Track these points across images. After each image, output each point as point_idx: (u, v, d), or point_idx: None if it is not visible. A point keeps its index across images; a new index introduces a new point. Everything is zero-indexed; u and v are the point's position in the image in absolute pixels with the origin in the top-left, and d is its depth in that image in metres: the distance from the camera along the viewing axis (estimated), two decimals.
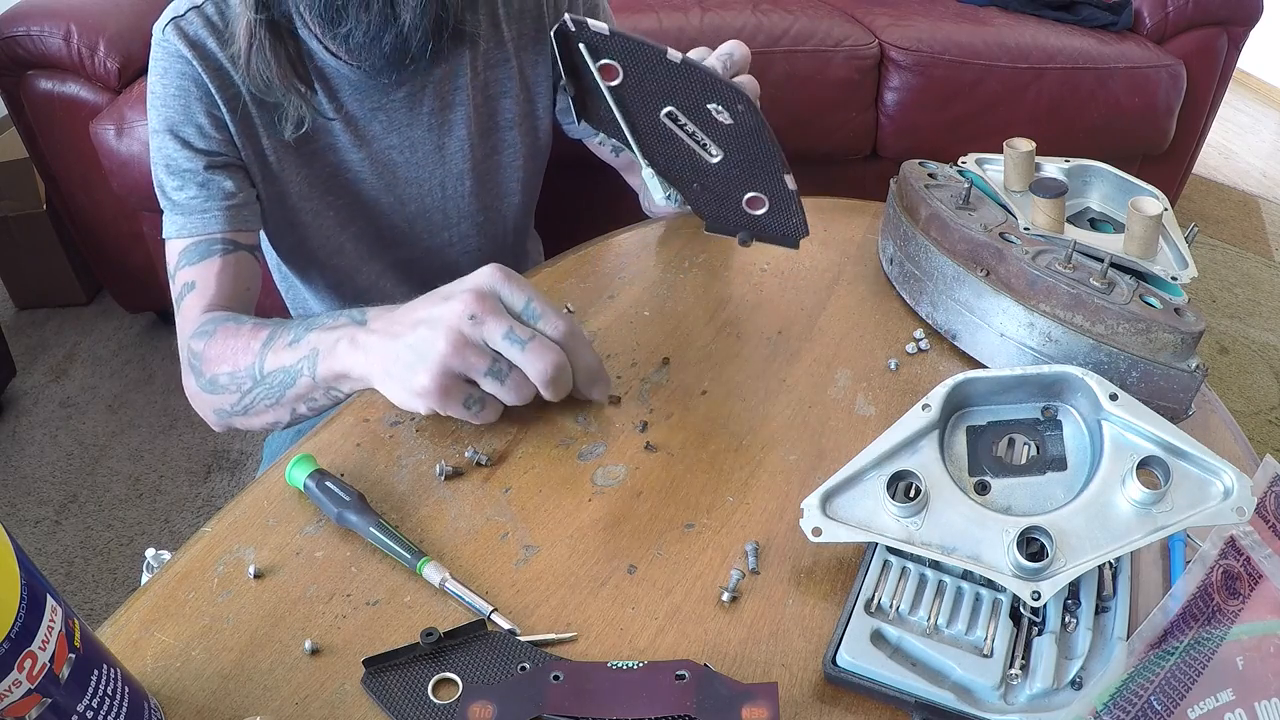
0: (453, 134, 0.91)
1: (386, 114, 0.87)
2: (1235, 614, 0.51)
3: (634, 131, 0.64)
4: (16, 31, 1.60)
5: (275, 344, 0.69)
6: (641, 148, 0.65)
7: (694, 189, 0.66)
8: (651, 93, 0.61)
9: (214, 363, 0.73)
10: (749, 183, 0.63)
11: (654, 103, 0.62)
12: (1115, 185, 0.86)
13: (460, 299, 0.59)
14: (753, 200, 0.64)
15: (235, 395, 0.72)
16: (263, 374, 0.69)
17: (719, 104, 0.59)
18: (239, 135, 0.82)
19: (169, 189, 0.82)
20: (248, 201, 0.83)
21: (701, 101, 0.60)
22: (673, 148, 0.64)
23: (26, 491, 1.69)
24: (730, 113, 0.60)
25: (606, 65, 0.60)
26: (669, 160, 0.66)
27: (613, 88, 0.62)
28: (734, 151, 0.62)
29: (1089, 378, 0.57)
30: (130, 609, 0.54)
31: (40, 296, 2.19)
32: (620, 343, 0.77)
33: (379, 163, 0.89)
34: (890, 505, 0.54)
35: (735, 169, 0.63)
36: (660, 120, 0.62)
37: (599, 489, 0.63)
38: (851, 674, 0.50)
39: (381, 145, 0.88)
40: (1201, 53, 2.00)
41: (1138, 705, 0.46)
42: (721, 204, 0.66)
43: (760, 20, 1.77)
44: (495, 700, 0.47)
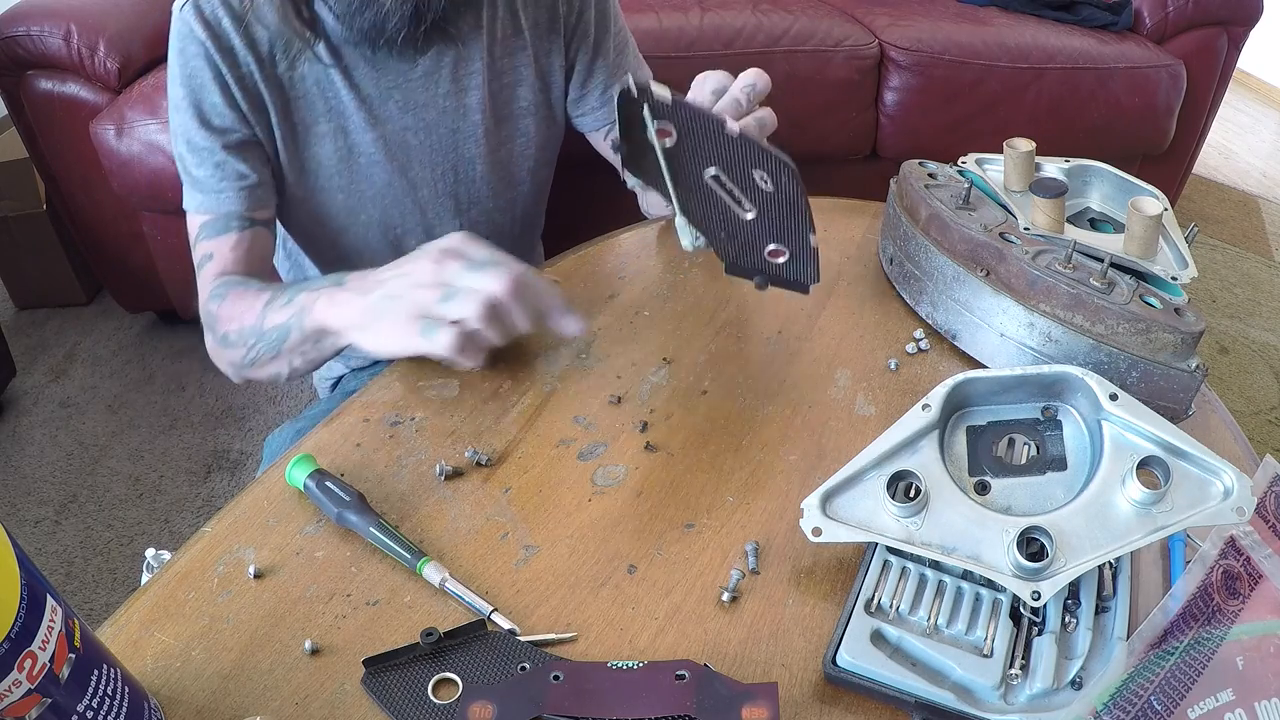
0: (467, 118, 0.91)
1: (402, 94, 0.87)
2: (1235, 614, 0.51)
3: (676, 186, 0.68)
4: (16, 31, 1.60)
5: (274, 304, 0.75)
6: (680, 200, 0.69)
7: (721, 237, 0.70)
8: (702, 155, 0.65)
9: (225, 322, 0.79)
10: (776, 237, 0.66)
11: (702, 163, 0.65)
12: (1115, 185, 0.86)
13: (426, 254, 0.66)
14: (775, 251, 0.68)
15: (243, 350, 0.79)
16: (263, 331, 0.76)
17: (765, 173, 0.62)
18: (251, 114, 0.83)
19: (189, 164, 0.84)
20: (262, 181, 0.85)
21: (748, 168, 0.63)
22: (710, 202, 0.67)
23: (26, 491, 1.69)
24: (774, 181, 0.62)
25: (663, 128, 0.64)
26: (704, 212, 0.69)
27: (666, 149, 0.65)
28: (768, 212, 0.65)
29: (1089, 378, 0.57)
30: (130, 609, 0.54)
31: (40, 296, 2.19)
32: (620, 343, 0.77)
33: (392, 144, 0.89)
34: (890, 505, 0.54)
35: (766, 226, 0.66)
36: (705, 180, 0.66)
37: (599, 489, 0.63)
38: (851, 674, 0.50)
39: (396, 126, 0.88)
40: (1201, 53, 1.99)
41: (1138, 705, 0.46)
42: (744, 252, 0.69)
43: (760, 20, 1.77)
44: (495, 700, 0.47)
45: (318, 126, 0.86)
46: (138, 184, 1.67)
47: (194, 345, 2.04)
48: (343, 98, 0.85)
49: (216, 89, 0.81)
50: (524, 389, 0.72)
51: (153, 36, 1.74)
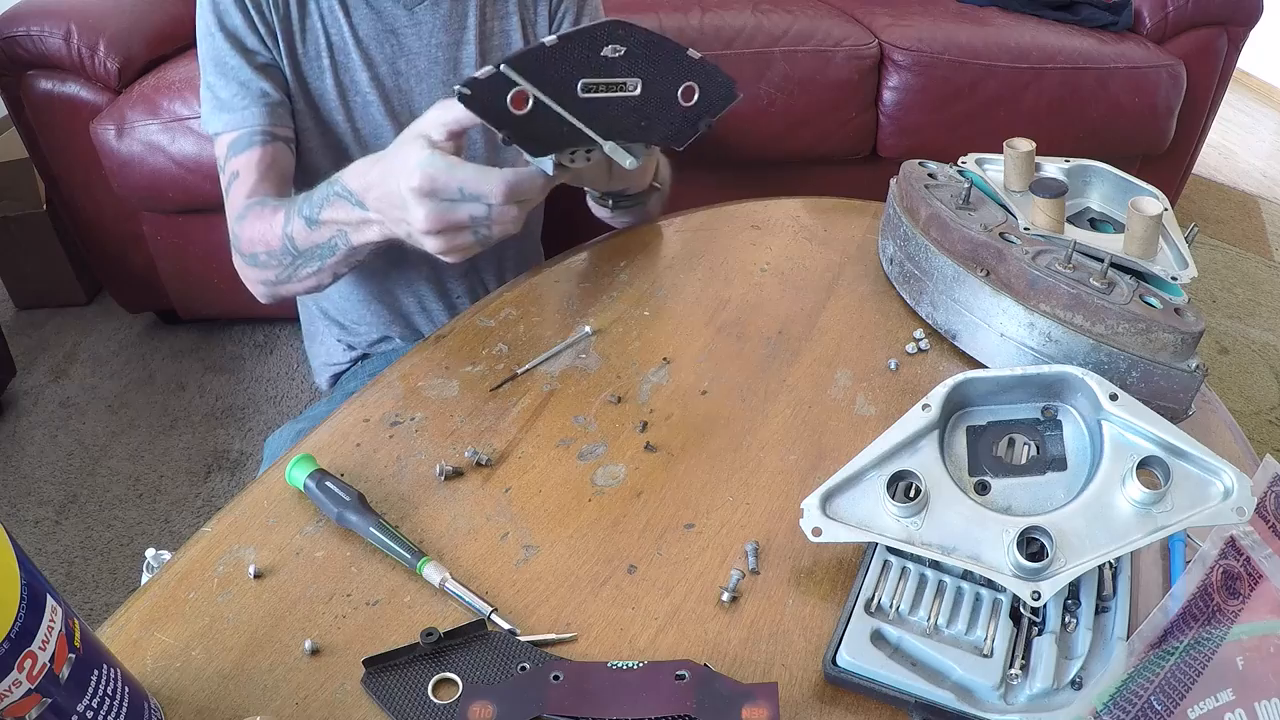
0: (458, 71, 0.94)
1: (397, 38, 0.92)
2: (1235, 614, 0.51)
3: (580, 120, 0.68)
4: (16, 31, 1.60)
5: (294, 226, 0.79)
6: (596, 130, 0.68)
7: (643, 128, 0.70)
8: (560, 82, 0.65)
9: (251, 243, 0.84)
10: (671, 83, 0.68)
11: (568, 89, 0.66)
12: (1115, 185, 0.86)
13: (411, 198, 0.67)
14: (685, 92, 0.69)
15: (277, 269, 0.84)
16: (299, 250, 0.81)
17: (607, 45, 0.65)
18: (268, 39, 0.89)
19: (216, 88, 0.89)
20: (282, 101, 0.91)
21: (594, 55, 0.65)
22: (606, 109, 0.68)
23: (26, 491, 1.69)
24: (618, 44, 0.65)
25: (516, 95, 0.64)
26: (611, 123, 0.69)
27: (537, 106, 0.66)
28: (643, 71, 0.67)
29: (1089, 378, 0.57)
30: (130, 609, 0.54)
31: (40, 296, 2.19)
32: (620, 343, 0.77)
33: (386, 86, 0.93)
34: (890, 505, 0.54)
35: (654, 83, 0.68)
36: (581, 98, 0.66)
37: (599, 489, 0.63)
38: (851, 674, 0.50)
39: (389, 69, 0.92)
40: (1201, 53, 1.99)
41: (1138, 705, 0.46)
42: (669, 119, 0.70)
43: (760, 20, 1.77)
44: (495, 700, 0.47)
45: (321, 60, 0.91)
46: (138, 184, 1.67)
47: (194, 345, 2.04)
48: (344, 34, 0.90)
49: (239, 13, 0.88)
50: (524, 389, 0.72)
51: (153, 36, 1.75)
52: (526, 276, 0.86)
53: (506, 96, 0.64)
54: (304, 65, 0.91)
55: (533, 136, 0.67)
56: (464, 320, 0.80)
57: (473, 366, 0.74)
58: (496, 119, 0.64)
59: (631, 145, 0.69)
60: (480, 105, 0.63)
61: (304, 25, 0.90)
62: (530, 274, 0.87)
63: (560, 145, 0.68)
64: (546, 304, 0.82)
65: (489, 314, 0.81)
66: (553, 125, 0.66)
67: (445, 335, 0.78)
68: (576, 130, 0.67)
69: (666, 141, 0.72)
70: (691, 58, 0.69)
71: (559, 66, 0.64)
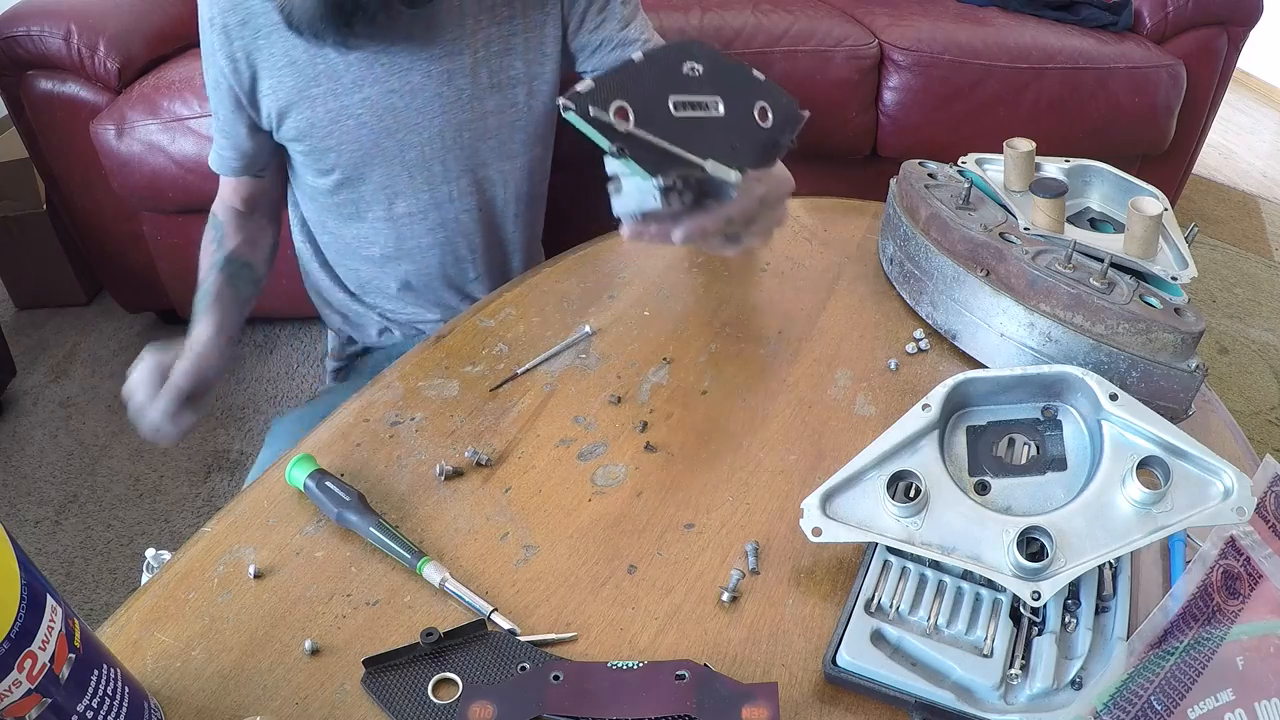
0: (452, 83, 0.92)
1: (388, 56, 0.89)
2: (1235, 614, 0.51)
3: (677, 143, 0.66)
4: (16, 31, 1.60)
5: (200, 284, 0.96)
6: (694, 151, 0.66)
7: (735, 149, 0.68)
8: (654, 100, 0.64)
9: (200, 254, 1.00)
10: (747, 104, 0.67)
11: (661, 106, 0.65)
12: (1115, 185, 0.86)
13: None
14: (760, 112, 0.68)
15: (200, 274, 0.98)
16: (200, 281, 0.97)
17: (686, 61, 0.64)
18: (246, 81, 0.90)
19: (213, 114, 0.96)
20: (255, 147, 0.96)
21: (676, 72, 0.65)
22: (697, 129, 0.67)
23: (26, 491, 1.69)
24: (696, 61, 0.64)
25: (618, 109, 0.63)
26: (705, 141, 0.67)
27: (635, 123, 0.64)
28: (722, 89, 0.66)
29: (1089, 378, 0.57)
30: (130, 609, 0.54)
31: (40, 296, 2.19)
32: (620, 343, 0.77)
33: (379, 107, 0.91)
34: (890, 505, 0.54)
35: (733, 103, 0.67)
36: (674, 116, 0.65)
37: (599, 489, 0.63)
38: (851, 674, 0.50)
39: (382, 89, 0.90)
40: (1201, 53, 1.99)
41: (1138, 705, 0.46)
42: (754, 139, 0.69)
43: (760, 20, 1.77)
44: (495, 700, 0.47)
45: (311, 90, 0.89)
46: (138, 184, 1.67)
47: None
48: (331, 59, 0.88)
49: (224, 55, 0.89)
50: (524, 389, 0.72)
51: (153, 36, 1.75)
52: (526, 276, 0.86)
53: (609, 110, 0.62)
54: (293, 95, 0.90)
55: (639, 155, 0.64)
56: (464, 320, 0.80)
57: (473, 366, 0.74)
58: (605, 131, 0.62)
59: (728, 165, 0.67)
60: (585, 116, 0.61)
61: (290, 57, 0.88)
62: (530, 274, 0.87)
63: (664, 167, 0.65)
64: (546, 304, 0.82)
65: (489, 314, 0.81)
66: (653, 144, 0.64)
67: (445, 335, 0.78)
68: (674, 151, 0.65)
69: (759, 163, 0.70)
70: (758, 78, 0.69)
71: (650, 82, 0.64)
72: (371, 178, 0.95)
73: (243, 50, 0.88)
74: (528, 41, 0.94)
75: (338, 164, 0.94)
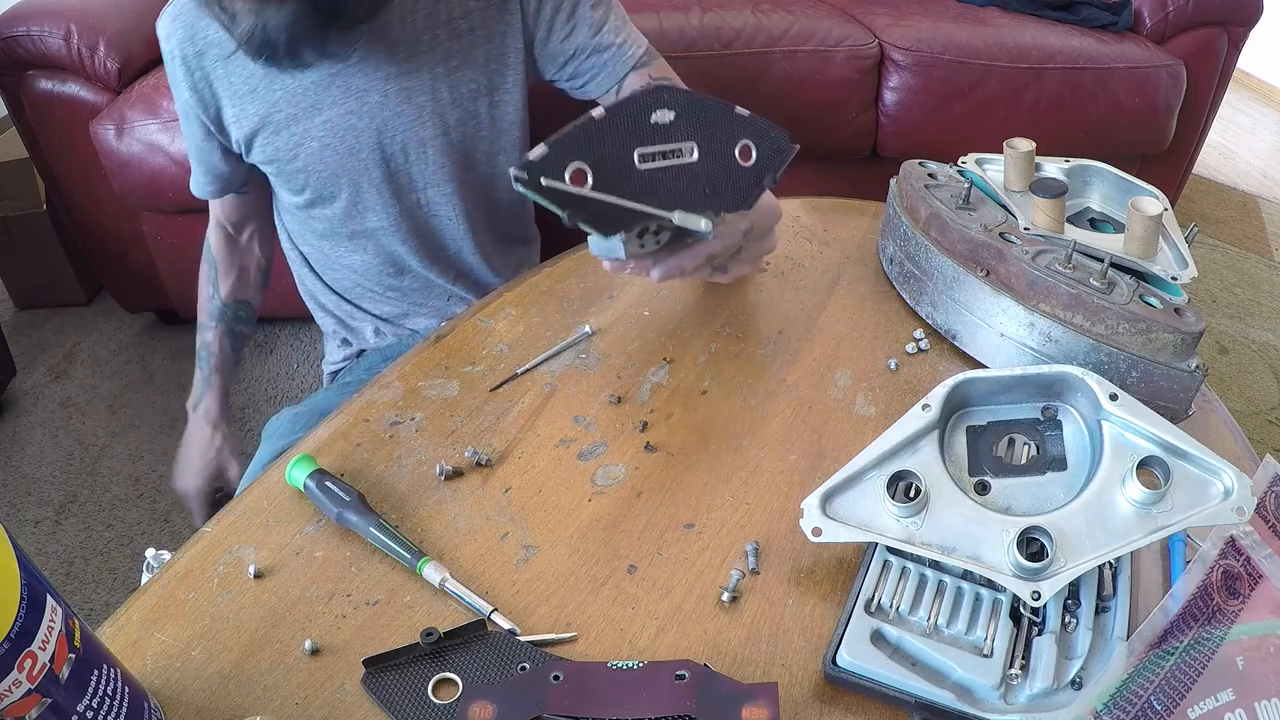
0: (412, 100, 0.91)
1: (343, 79, 0.89)
2: (1235, 614, 0.51)
3: (640, 198, 0.65)
4: (16, 31, 1.60)
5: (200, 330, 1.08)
6: (655, 203, 0.65)
7: (707, 194, 0.67)
8: (616, 157, 0.63)
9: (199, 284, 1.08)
10: (726, 144, 0.66)
11: (623, 162, 0.63)
12: (1115, 185, 0.86)
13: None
14: (743, 151, 0.67)
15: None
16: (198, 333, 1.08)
17: (655, 110, 0.63)
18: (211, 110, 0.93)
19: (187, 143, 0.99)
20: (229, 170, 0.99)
21: (643, 122, 0.63)
22: (666, 179, 0.65)
23: (26, 491, 1.69)
24: (666, 108, 0.63)
25: (575, 172, 0.62)
26: (676, 192, 0.66)
27: (596, 185, 0.63)
28: (696, 133, 0.65)
29: (1089, 378, 0.57)
30: (130, 609, 0.54)
31: (40, 296, 2.19)
32: (620, 343, 0.77)
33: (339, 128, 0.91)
34: (890, 505, 0.54)
35: (710, 146, 0.65)
36: (639, 169, 0.64)
37: (599, 489, 0.63)
38: (851, 674, 0.50)
39: (340, 110, 0.90)
40: (1201, 53, 1.99)
41: (1138, 705, 0.46)
42: (732, 181, 0.68)
43: (760, 20, 1.77)
44: (495, 700, 0.47)
45: (273, 116, 0.90)
46: (138, 184, 1.67)
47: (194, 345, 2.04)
48: (289, 85, 0.89)
49: (187, 86, 0.92)
50: (524, 389, 0.72)
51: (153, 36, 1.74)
52: (526, 276, 0.86)
53: (565, 174, 0.61)
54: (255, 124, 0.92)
55: (598, 216, 0.63)
56: (464, 320, 0.80)
57: (473, 366, 0.74)
58: (557, 199, 0.61)
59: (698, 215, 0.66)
60: (536, 187, 0.60)
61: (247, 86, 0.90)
62: (530, 274, 0.87)
63: (628, 223, 0.64)
64: (546, 304, 0.82)
65: (489, 314, 0.81)
66: (615, 203, 0.63)
67: (445, 335, 0.78)
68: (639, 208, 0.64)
69: (735, 206, 0.69)
70: (741, 115, 0.67)
71: (611, 139, 0.62)
72: (341, 195, 0.96)
73: (204, 80, 0.90)
74: (488, 53, 0.92)
75: (307, 184, 0.95)
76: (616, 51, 0.95)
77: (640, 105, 0.63)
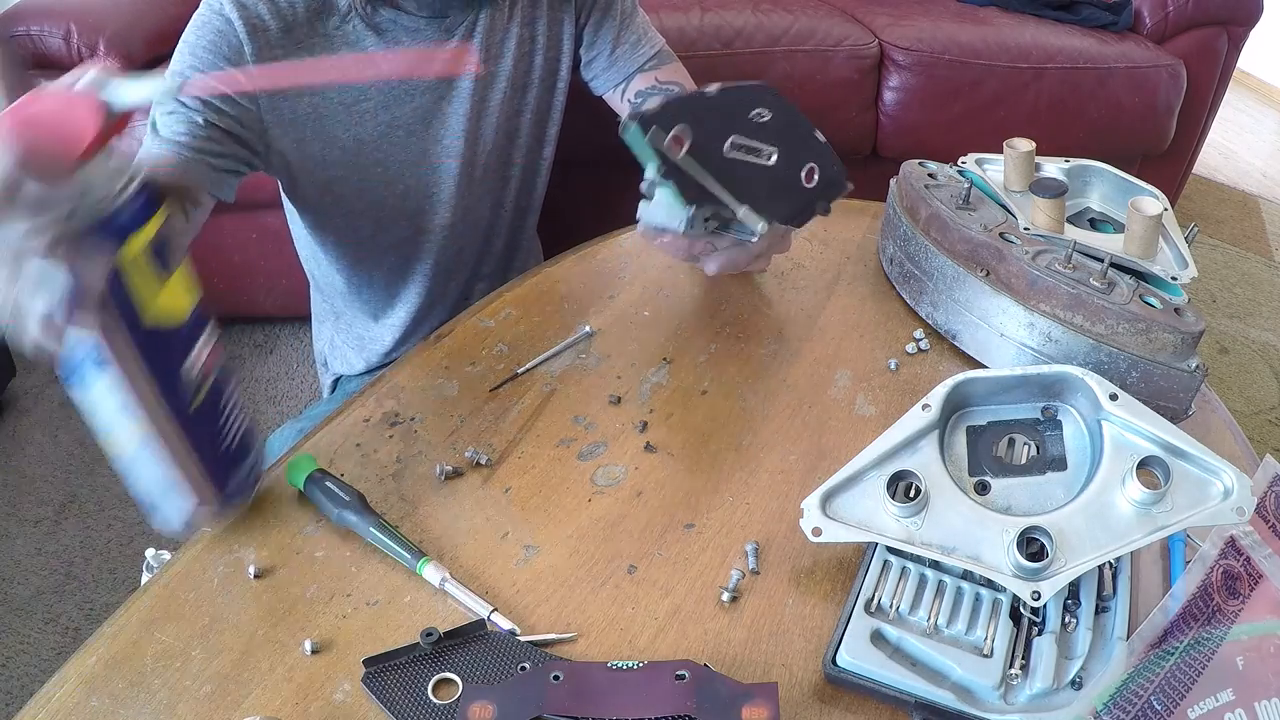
0: (494, 85, 0.92)
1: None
2: (1235, 614, 0.51)
3: (722, 181, 0.65)
4: (16, 31, 1.60)
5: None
6: (735, 192, 0.66)
7: (770, 201, 0.68)
8: (711, 137, 0.64)
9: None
10: (799, 160, 0.67)
11: (715, 144, 0.64)
12: (1115, 185, 0.86)
13: None
14: (808, 173, 0.68)
15: None
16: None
17: (757, 106, 0.63)
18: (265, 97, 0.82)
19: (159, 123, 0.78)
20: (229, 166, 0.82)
21: (743, 114, 0.64)
22: (742, 173, 0.66)
23: (26, 491, 1.69)
24: (766, 109, 0.64)
25: (675, 136, 0.62)
26: (746, 186, 0.67)
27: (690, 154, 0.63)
28: (781, 141, 0.66)
29: (1089, 378, 0.57)
30: (130, 609, 0.54)
31: None
32: (620, 343, 0.77)
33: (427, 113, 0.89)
34: (890, 505, 0.54)
35: (787, 157, 0.67)
36: (724, 155, 0.65)
37: (599, 489, 0.63)
38: (851, 674, 0.50)
39: (430, 97, 0.89)
40: (1201, 52, 1.99)
41: (1138, 705, 0.46)
42: (791, 196, 0.69)
43: (760, 20, 1.77)
44: (495, 700, 0.47)
45: (359, 106, 0.86)
46: None
47: None
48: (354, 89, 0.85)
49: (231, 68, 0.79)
50: (524, 389, 0.72)
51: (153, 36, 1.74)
52: (526, 276, 0.86)
53: (668, 135, 0.62)
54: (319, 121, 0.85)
55: (679, 184, 0.64)
56: (464, 320, 0.80)
57: (473, 366, 0.74)
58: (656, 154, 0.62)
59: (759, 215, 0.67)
60: (640, 137, 0.61)
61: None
62: (530, 274, 0.87)
63: (702, 200, 0.65)
64: (546, 304, 0.82)
65: (489, 314, 0.81)
66: (699, 179, 0.64)
67: (445, 335, 0.78)
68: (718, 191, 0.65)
69: (789, 220, 0.70)
70: (818, 139, 0.69)
71: (714, 118, 0.63)
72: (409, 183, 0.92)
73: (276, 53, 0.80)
74: (550, 38, 0.94)
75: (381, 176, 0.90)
76: (630, 50, 0.96)
77: (748, 97, 0.65)
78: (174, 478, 0.51)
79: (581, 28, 0.97)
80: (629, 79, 0.97)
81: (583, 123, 1.04)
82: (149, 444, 0.49)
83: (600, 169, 1.09)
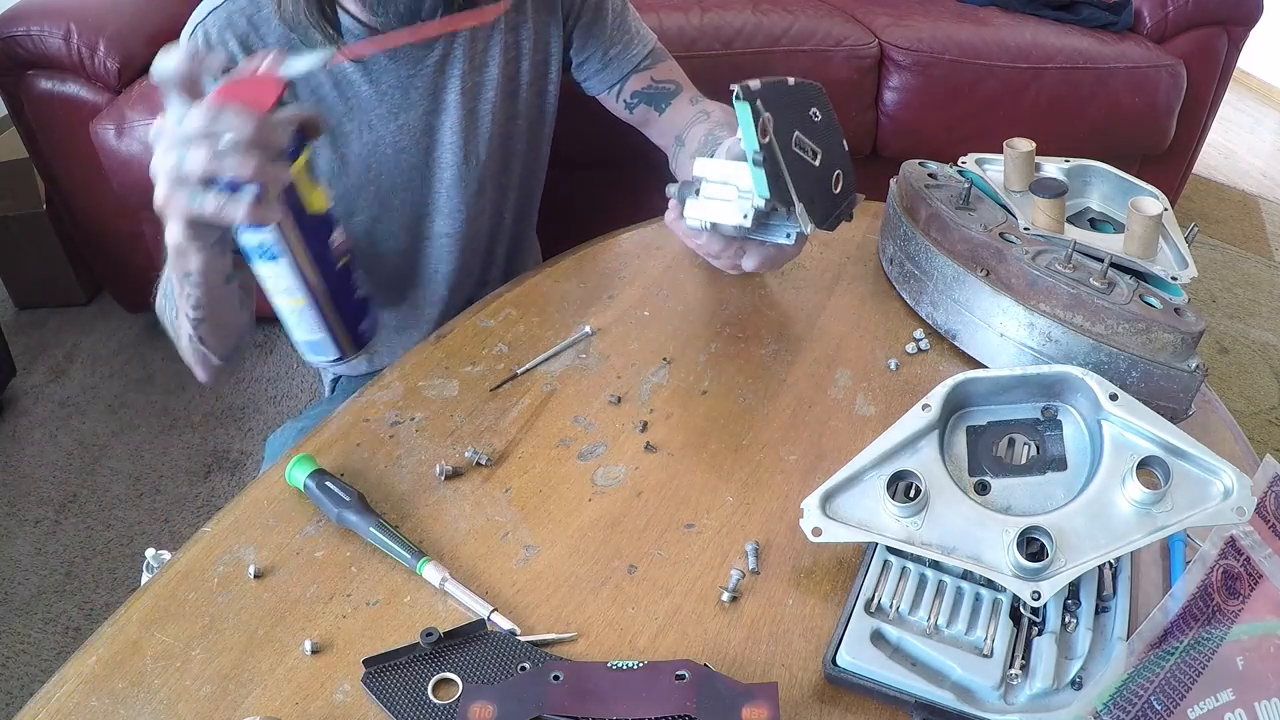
0: (482, 95, 0.91)
1: (422, 81, 0.88)
2: (1235, 614, 0.51)
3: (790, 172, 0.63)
4: (16, 31, 1.60)
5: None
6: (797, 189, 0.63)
7: (813, 202, 0.65)
8: (785, 127, 0.62)
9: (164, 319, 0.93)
10: (832, 165, 0.66)
11: (787, 136, 0.62)
12: (1115, 185, 0.86)
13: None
14: (836, 179, 0.67)
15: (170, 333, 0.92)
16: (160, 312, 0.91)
17: (815, 105, 0.63)
18: None
19: None
20: None
21: (805, 111, 0.63)
22: (799, 170, 0.64)
23: (26, 491, 1.69)
24: (820, 109, 0.64)
25: (766, 119, 0.60)
26: (801, 184, 0.64)
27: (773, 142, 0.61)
28: (822, 142, 0.65)
29: (1089, 378, 0.57)
30: (130, 609, 0.54)
31: (40, 296, 2.19)
32: (620, 343, 0.77)
33: (416, 131, 0.89)
34: (890, 505, 0.54)
35: (825, 160, 0.66)
36: (793, 151, 0.63)
37: (599, 489, 0.63)
38: (851, 674, 0.50)
39: (419, 112, 0.89)
40: (1201, 52, 1.99)
41: (1138, 705, 0.46)
42: (824, 200, 0.67)
43: (760, 20, 1.77)
44: (495, 700, 0.47)
45: (343, 127, 0.87)
46: (138, 184, 1.67)
47: None
48: (362, 94, 0.86)
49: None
50: (524, 389, 0.72)
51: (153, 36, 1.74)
52: (526, 276, 0.86)
53: (760, 118, 0.59)
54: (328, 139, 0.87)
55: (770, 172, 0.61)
56: (464, 320, 0.80)
57: (473, 366, 0.74)
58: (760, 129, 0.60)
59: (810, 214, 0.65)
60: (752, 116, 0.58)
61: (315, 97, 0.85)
62: (530, 274, 0.87)
63: (776, 189, 0.62)
64: (546, 304, 0.82)
65: (489, 314, 0.81)
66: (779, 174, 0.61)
67: (445, 335, 0.78)
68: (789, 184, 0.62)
69: (820, 223, 0.67)
70: (846, 149, 0.69)
71: (789, 110, 0.61)
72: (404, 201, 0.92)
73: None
74: (535, 44, 0.94)
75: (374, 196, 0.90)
76: (623, 50, 0.96)
77: (810, 95, 0.64)
78: (324, 329, 0.65)
79: (570, 31, 0.96)
80: (624, 80, 0.97)
81: (582, 123, 1.04)
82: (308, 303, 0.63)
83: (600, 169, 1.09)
